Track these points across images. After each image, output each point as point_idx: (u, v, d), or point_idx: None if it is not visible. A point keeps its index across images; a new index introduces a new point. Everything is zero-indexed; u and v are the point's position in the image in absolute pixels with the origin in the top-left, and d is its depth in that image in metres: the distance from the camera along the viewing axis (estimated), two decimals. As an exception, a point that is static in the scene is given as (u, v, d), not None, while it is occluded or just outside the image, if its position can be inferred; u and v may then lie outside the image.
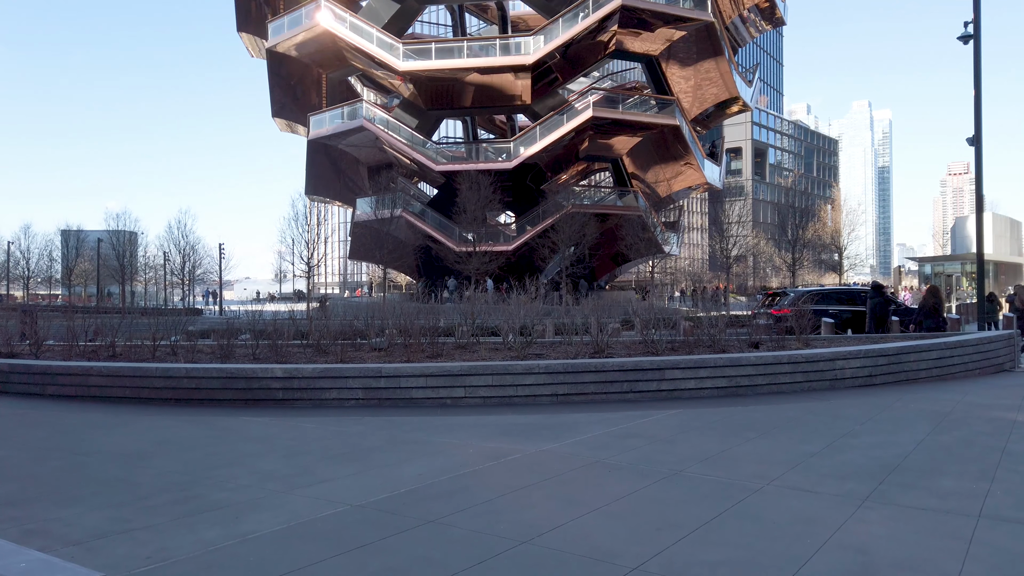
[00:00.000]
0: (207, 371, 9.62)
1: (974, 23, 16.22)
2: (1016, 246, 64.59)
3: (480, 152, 43.16)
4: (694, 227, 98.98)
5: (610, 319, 18.39)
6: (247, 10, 41.35)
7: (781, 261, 52.48)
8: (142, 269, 55.62)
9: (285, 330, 15.38)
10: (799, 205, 54.71)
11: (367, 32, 36.55)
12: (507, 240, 39.99)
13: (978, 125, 15.56)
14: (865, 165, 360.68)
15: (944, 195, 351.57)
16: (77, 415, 8.77)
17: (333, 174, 44.04)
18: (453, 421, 8.19)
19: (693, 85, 40.51)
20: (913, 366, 11.27)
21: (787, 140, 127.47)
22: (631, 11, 34.29)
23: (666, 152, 40.77)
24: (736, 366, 10.07)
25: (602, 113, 36.05)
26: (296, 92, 42.52)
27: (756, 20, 43.98)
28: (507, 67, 36.65)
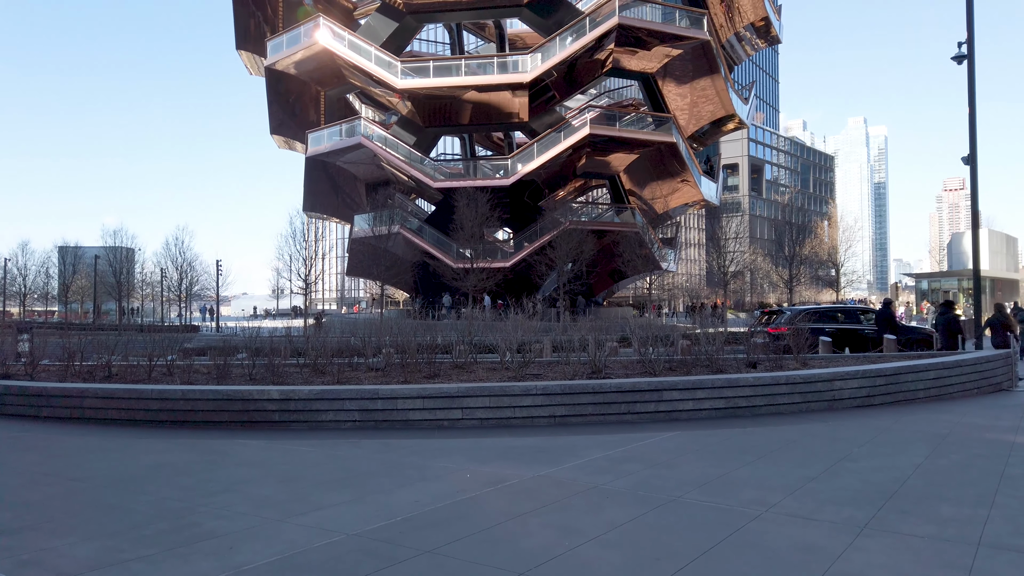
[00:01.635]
0: (203, 393, 9.58)
1: (968, 44, 16.36)
2: (1012, 262, 64.75)
3: (478, 169, 43.30)
4: (691, 243, 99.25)
5: (607, 336, 18.39)
6: (246, 29, 41.58)
7: (778, 277, 52.59)
8: (139, 285, 55.56)
9: (282, 348, 15.37)
10: (796, 221, 54.85)
11: (365, 50, 36.76)
12: (505, 256, 40.03)
13: (973, 145, 15.65)
14: (861, 181, 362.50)
15: (940, 211, 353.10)
16: (72, 438, 8.71)
17: (331, 191, 44.13)
18: (450, 444, 8.15)
19: (689, 103, 40.74)
20: (911, 386, 11.26)
21: (783, 156, 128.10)
22: (628, 30, 34.55)
23: (663, 169, 40.93)
24: (734, 387, 10.05)
25: (599, 130, 36.21)
26: (295, 109, 42.69)
27: (752, 38, 44.30)
28: (505, 85, 36.85)
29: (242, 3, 40.84)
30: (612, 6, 34.77)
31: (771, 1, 42.16)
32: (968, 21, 16.82)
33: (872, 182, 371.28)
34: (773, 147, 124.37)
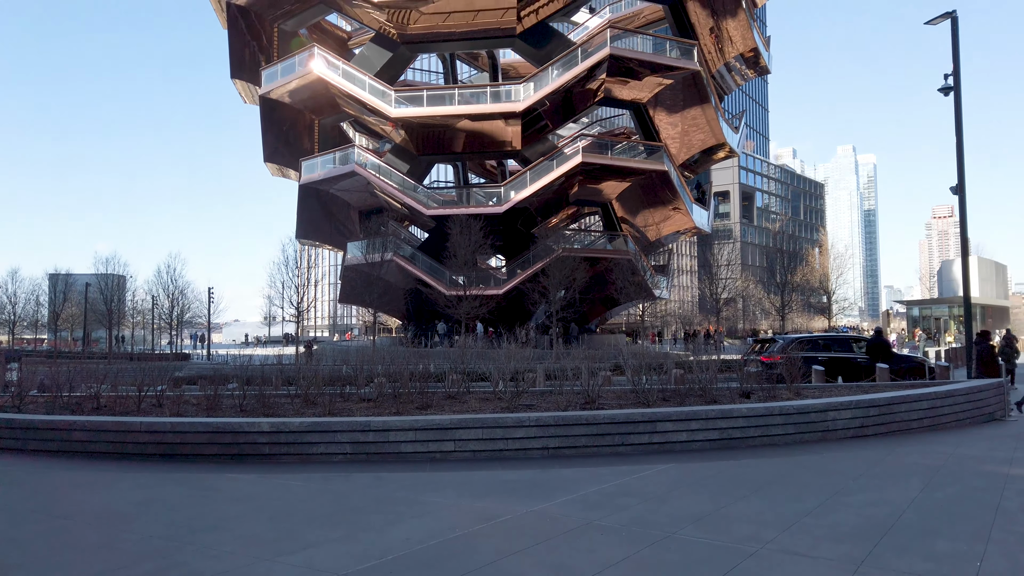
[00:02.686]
0: (192, 425, 9.48)
1: (954, 76, 16.61)
2: (1002, 289, 65.23)
3: (471, 196, 43.47)
4: (684, 270, 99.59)
5: (600, 365, 18.36)
6: (241, 58, 41.88)
7: (770, 304, 52.76)
8: (130, 313, 55.23)
9: (273, 377, 15.27)
10: (787, 248, 55.18)
11: (359, 79, 37.05)
12: (498, 284, 40.03)
13: (961, 175, 15.82)
14: (851, 208, 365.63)
15: (930, 237, 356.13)
16: (59, 473, 8.60)
17: (324, 218, 44.18)
18: (442, 478, 8.07)
19: (680, 131, 41.11)
20: (904, 416, 11.25)
21: (774, 184, 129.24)
22: (619, 60, 34.96)
23: (655, 197, 41.16)
24: (727, 418, 10.02)
25: (591, 158, 36.46)
26: (288, 137, 42.88)
27: (741, 68, 44.86)
28: (498, 114, 37.14)
29: (237, 33, 41.17)
30: (604, 37, 35.22)
31: (760, 32, 42.80)
32: (954, 53, 17.10)
33: (862, 209, 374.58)
34: (764, 175, 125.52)
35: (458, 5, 36.28)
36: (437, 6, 36.35)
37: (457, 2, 36.13)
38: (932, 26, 17.45)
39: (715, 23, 39.08)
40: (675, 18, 39.10)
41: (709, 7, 38.16)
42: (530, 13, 36.89)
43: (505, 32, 37.94)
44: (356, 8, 37.89)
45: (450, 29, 38.14)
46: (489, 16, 36.85)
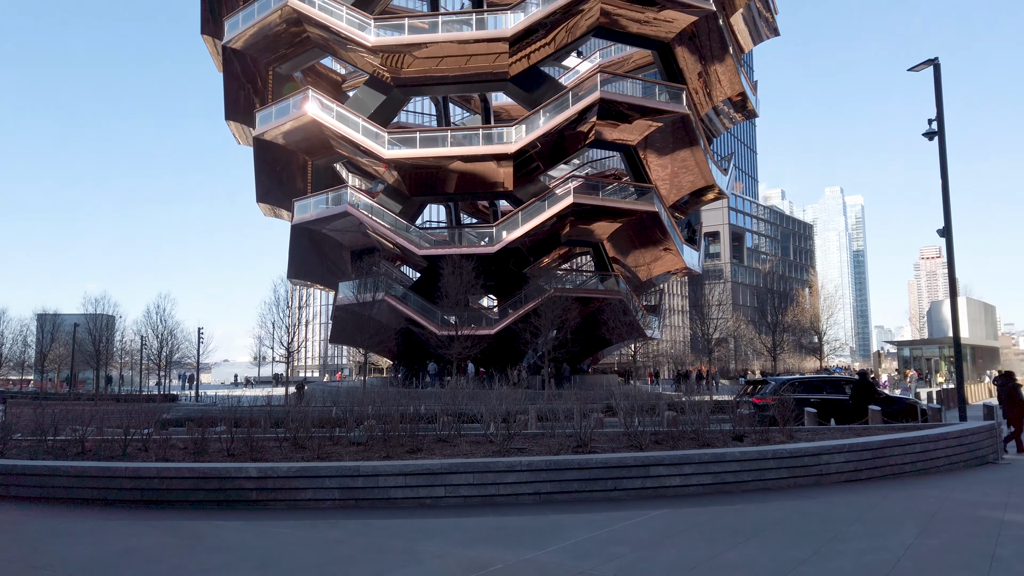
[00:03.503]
0: (178, 471, 9.33)
1: (938, 121, 16.92)
2: (991, 330, 65.61)
3: (463, 236, 43.66)
4: (675, 310, 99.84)
5: (593, 405, 18.25)
6: (236, 100, 42.34)
7: (762, 345, 52.84)
8: (118, 354, 54.71)
9: (261, 420, 15.09)
10: (777, 289, 55.49)
11: (353, 121, 37.46)
12: (489, 324, 39.99)
13: (947, 218, 16.02)
14: (840, 249, 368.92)
15: (918, 278, 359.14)
16: (40, 520, 8.41)
17: (316, 258, 44.23)
18: (433, 525, 7.94)
19: (670, 173, 41.62)
20: (897, 460, 11.19)
21: (763, 225, 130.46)
22: (609, 104, 35.52)
23: (646, 237, 41.46)
24: (721, 462, 9.94)
25: (582, 199, 36.78)
26: (282, 178, 43.14)
27: (729, 112, 45.66)
28: (490, 155, 37.53)
29: (232, 76, 41.69)
30: (594, 81, 35.83)
31: (747, 77, 43.68)
32: (937, 99, 17.46)
33: (851, 250, 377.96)
34: (753, 216, 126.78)
35: (451, 50, 36.91)
36: (430, 50, 36.97)
37: (450, 47, 36.76)
38: (916, 72, 17.84)
39: (703, 68, 39.87)
40: (664, 63, 39.87)
41: (697, 52, 38.96)
42: (521, 58, 37.54)
43: (497, 76, 38.55)
44: (351, 52, 38.49)
45: (443, 73, 38.73)
46: (481, 61, 37.49)
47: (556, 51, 38.84)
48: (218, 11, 41.72)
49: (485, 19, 37.79)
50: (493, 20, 37.20)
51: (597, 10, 35.59)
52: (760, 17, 44.46)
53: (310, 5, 36.57)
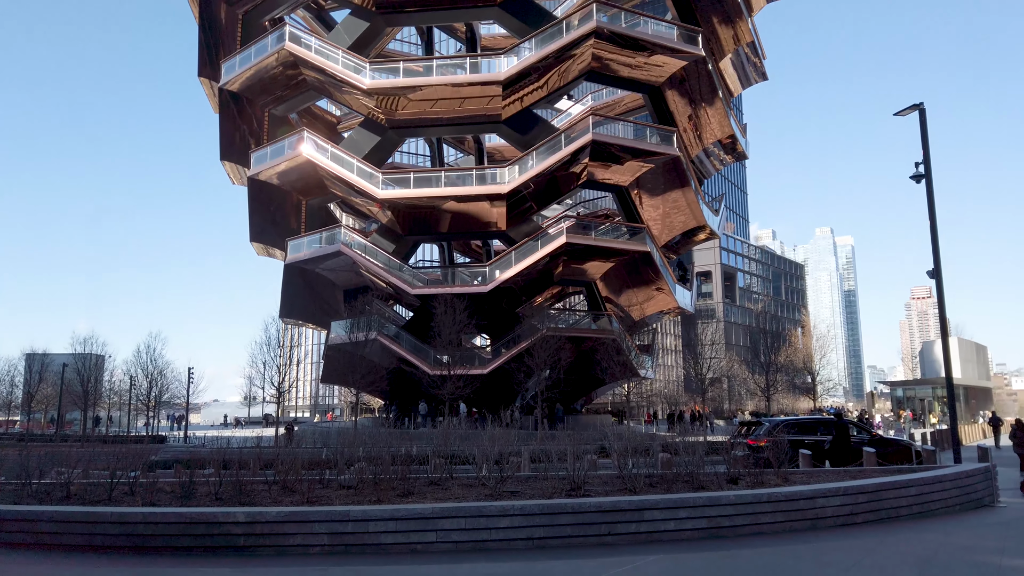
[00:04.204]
0: (165, 516, 9.16)
1: (924, 164, 17.19)
2: (984, 370, 65.67)
3: (456, 276, 43.74)
4: (668, 349, 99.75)
5: (587, 446, 18.09)
6: (231, 140, 42.70)
7: (755, 385, 52.74)
8: (107, 394, 54.11)
9: (251, 462, 14.89)
10: (770, 329, 55.59)
11: (348, 162, 37.78)
12: (482, 363, 39.84)
13: (937, 260, 16.16)
14: (832, 289, 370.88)
15: (910, 318, 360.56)
16: (22, 568, 8.22)
17: (308, 297, 44.17)
18: (424, 572, 7.80)
19: (662, 213, 41.98)
20: (893, 503, 11.10)
21: (755, 265, 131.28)
22: (601, 145, 35.97)
23: (638, 277, 41.62)
24: (716, 505, 9.84)
25: (575, 239, 36.97)
26: (276, 218, 43.29)
27: (720, 154, 46.29)
28: (483, 195, 37.81)
29: (228, 117, 42.11)
30: (586, 123, 36.32)
31: (736, 120, 44.41)
32: (923, 143, 17.76)
33: (842, 290, 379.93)
34: (744, 255, 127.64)
35: (445, 93, 37.44)
36: (425, 93, 37.49)
37: (444, 90, 37.30)
38: (901, 117, 18.18)
39: (693, 111, 40.52)
40: (655, 106, 40.51)
41: (687, 96, 39.63)
42: (515, 101, 38.09)
43: (491, 118, 39.05)
44: (346, 95, 38.99)
45: (437, 115, 39.24)
46: (475, 103, 38.01)
47: (549, 94, 39.44)
48: (215, 54, 42.32)
49: (479, 63, 38.45)
50: (487, 64, 37.85)
51: (589, 55, 36.25)
52: (748, 62, 45.39)
53: (307, 49, 37.13)
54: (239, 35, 42.32)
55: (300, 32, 39.04)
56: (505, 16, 38.92)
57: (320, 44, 37.82)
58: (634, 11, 38.57)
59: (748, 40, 41.33)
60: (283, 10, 42.40)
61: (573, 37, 35.21)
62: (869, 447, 16.38)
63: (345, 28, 40.22)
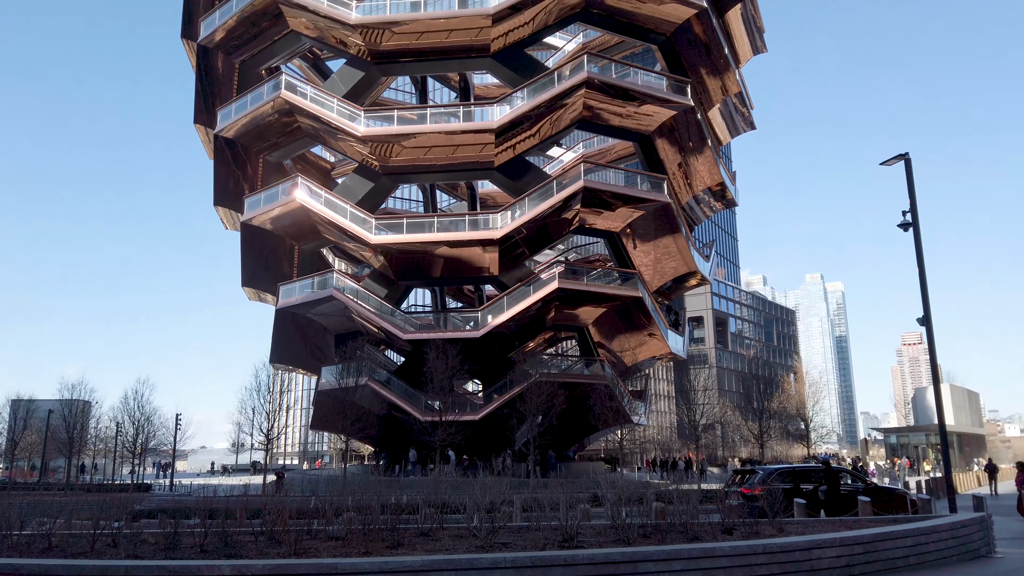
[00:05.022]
0: (148, 569, 8.94)
1: (911, 213, 17.41)
2: (976, 417, 65.57)
3: (448, 321, 43.68)
4: (661, 395, 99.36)
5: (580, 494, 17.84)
6: (226, 186, 42.98)
7: (749, 432, 52.45)
8: (92, 441, 53.25)
9: (237, 511, 14.61)
10: (762, 374, 55.54)
11: (341, 207, 38.02)
12: (474, 409, 39.54)
13: (926, 307, 16.26)
14: (823, 335, 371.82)
15: (901, 364, 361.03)
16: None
17: (300, 342, 43.97)
18: (412, 626, 7.60)
19: (653, 259, 42.24)
20: (889, 554, 10.97)
21: (746, 310, 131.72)
22: (593, 192, 36.36)
23: (630, 322, 41.67)
24: (711, 557, 9.68)
25: (567, 285, 37.08)
26: (268, 262, 43.34)
27: (709, 201, 46.79)
28: (476, 241, 38.02)
29: (223, 163, 42.48)
30: (578, 170, 36.80)
31: (726, 168, 45.04)
32: (910, 192, 18.03)
33: (833, 336, 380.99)
34: (736, 301, 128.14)
35: (439, 140, 37.94)
36: (418, 140, 37.99)
37: (438, 138, 37.81)
38: (888, 166, 18.49)
39: (683, 159, 41.13)
40: (645, 153, 41.12)
41: (677, 144, 40.27)
42: (507, 148, 38.60)
43: (483, 165, 39.52)
44: (340, 141, 39.44)
45: (431, 162, 39.69)
46: (468, 150, 38.50)
47: (541, 142, 40.01)
48: (212, 102, 42.89)
49: (472, 111, 39.09)
50: (480, 112, 38.47)
51: (580, 104, 36.91)
52: (736, 112, 46.28)
53: (302, 97, 37.69)
54: (236, 83, 42.98)
55: (296, 81, 39.67)
56: (498, 66, 39.69)
57: (316, 92, 38.41)
58: (624, 62, 39.48)
59: (736, 91, 42.22)
60: (280, 59, 43.15)
61: (565, 87, 35.89)
62: (864, 496, 16.22)
63: (341, 77, 40.89)
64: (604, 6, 37.40)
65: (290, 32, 39.96)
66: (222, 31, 40.40)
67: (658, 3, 37.12)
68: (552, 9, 37.25)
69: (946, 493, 17.39)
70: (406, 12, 37.96)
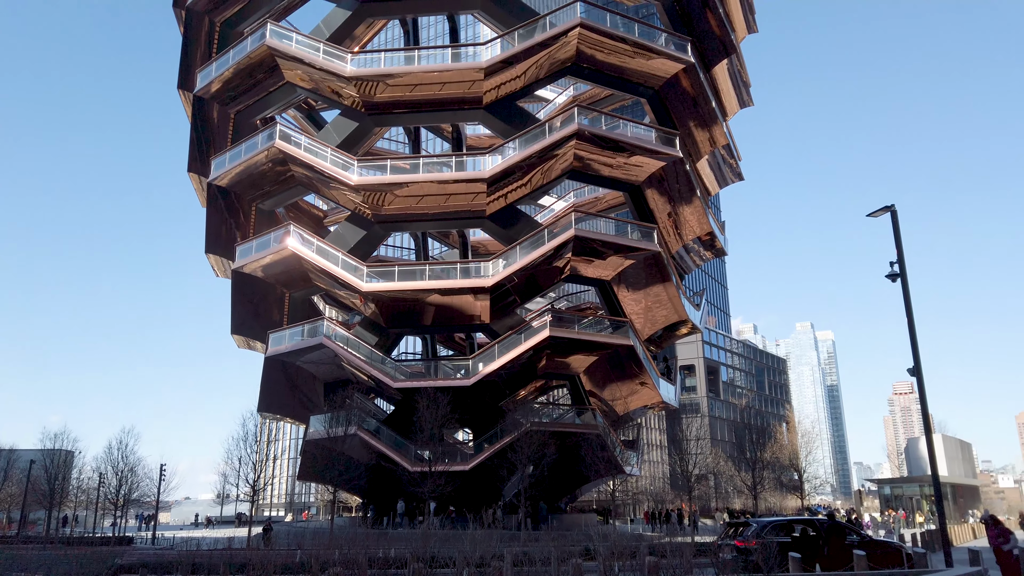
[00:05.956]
0: (127, 626, 8.67)
1: (899, 264, 17.59)
2: (970, 468, 65.17)
3: (439, 369, 43.42)
4: (653, 444, 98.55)
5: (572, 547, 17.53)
6: (218, 234, 43.07)
7: (742, 482, 51.89)
8: (74, 492, 52.09)
9: (220, 565, 14.26)
10: (755, 424, 55.19)
11: (333, 255, 38.10)
12: (464, 459, 39.04)
13: (916, 358, 16.30)
14: (815, 384, 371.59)
15: (893, 413, 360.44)
16: None
17: (288, 390, 43.54)
18: None
19: (644, 307, 42.36)
20: (887, 610, 10.75)
21: (737, 359, 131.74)
22: (583, 241, 36.64)
23: (622, 371, 41.55)
24: (704, 613, 9.47)
25: (558, 332, 37.06)
26: (258, 310, 43.19)
27: (699, 250, 47.22)
28: (467, 289, 38.07)
29: (216, 211, 42.65)
30: (569, 219, 37.13)
31: (715, 218, 45.59)
32: (897, 244, 18.24)
33: (825, 385, 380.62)
34: (727, 350, 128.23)
35: (431, 189, 38.31)
36: (411, 190, 38.33)
37: (430, 187, 38.18)
38: (874, 218, 18.75)
39: (672, 208, 41.62)
40: (635, 203, 41.59)
41: (666, 195, 40.79)
42: (499, 197, 38.99)
43: (475, 213, 39.83)
44: (334, 190, 39.75)
45: (423, 210, 39.98)
46: (460, 199, 38.86)
47: (532, 191, 40.45)
48: (206, 151, 43.28)
49: (464, 161, 39.59)
50: (472, 162, 38.97)
51: (571, 155, 37.45)
52: (724, 163, 47.07)
53: (296, 147, 38.10)
54: (230, 133, 43.48)
55: (291, 130, 40.14)
56: (490, 118, 40.36)
57: (310, 142, 38.86)
58: (614, 115, 40.24)
59: (723, 143, 43.01)
60: (275, 110, 43.75)
61: (556, 138, 36.47)
62: (859, 550, 15.98)
63: (335, 127, 41.44)
64: (594, 61, 38.26)
65: (285, 83, 40.61)
66: (218, 82, 41.02)
67: (646, 58, 38.02)
68: (543, 63, 38.07)
69: (942, 546, 17.17)
70: (400, 65, 38.75)
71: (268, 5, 42.79)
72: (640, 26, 38.41)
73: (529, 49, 36.76)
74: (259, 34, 38.59)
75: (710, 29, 41.21)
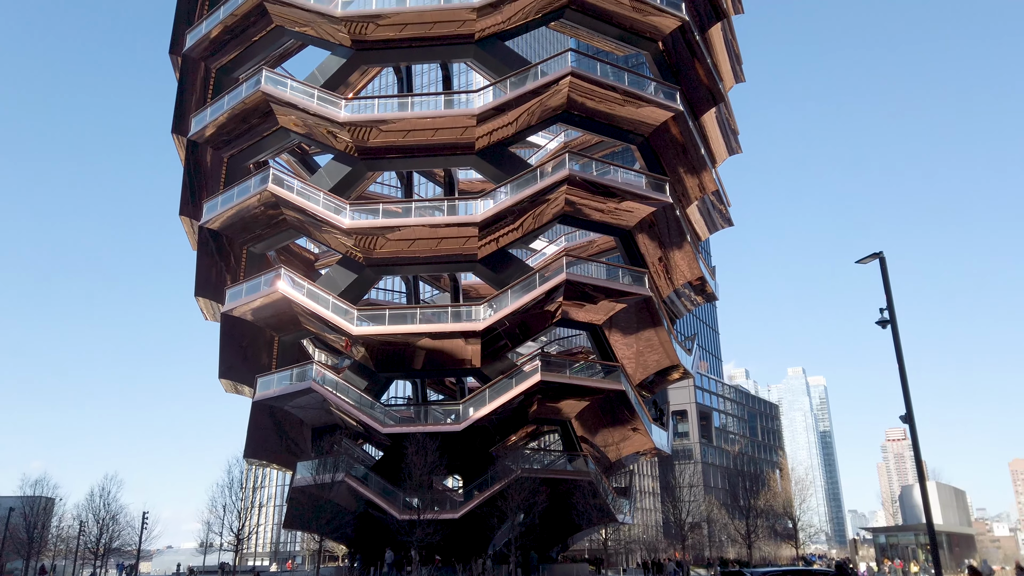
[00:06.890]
0: None
1: (888, 310, 17.62)
2: (964, 515, 64.53)
3: (429, 414, 42.92)
4: (646, 492, 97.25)
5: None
6: (208, 277, 42.87)
7: (735, 530, 51.09)
8: (53, 540, 50.74)
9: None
10: (748, 470, 54.61)
11: (323, 298, 37.94)
12: (454, 507, 38.35)
13: (908, 404, 16.20)
14: (807, 430, 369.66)
15: (887, 460, 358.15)
16: None
17: (275, 436, 42.84)
18: None
19: (636, 352, 42.20)
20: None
21: (730, 404, 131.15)
22: (575, 285, 36.67)
23: (614, 416, 41.19)
24: (700, 668, 9.16)
25: (549, 377, 36.79)
26: (247, 354, 42.76)
27: (690, 295, 47.31)
28: (458, 333, 37.89)
29: (206, 254, 42.54)
30: (560, 263, 37.20)
31: (705, 263, 45.83)
32: (886, 290, 18.29)
33: (817, 431, 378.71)
34: (719, 395, 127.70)
35: (423, 233, 38.42)
36: (403, 233, 38.43)
37: (422, 231, 38.30)
38: (863, 264, 18.84)
39: (663, 253, 41.82)
40: (626, 248, 41.79)
41: (657, 240, 41.03)
42: (490, 241, 39.10)
43: (467, 257, 39.89)
44: (325, 234, 39.79)
45: (414, 254, 40.02)
46: (452, 243, 38.96)
47: (524, 235, 40.61)
48: (198, 194, 43.39)
49: (456, 205, 39.80)
50: (464, 206, 39.18)
51: (562, 200, 37.73)
52: (714, 208, 47.50)
53: (289, 191, 38.25)
54: (223, 177, 43.66)
55: (283, 174, 40.37)
56: (482, 163, 40.73)
57: (302, 186, 39.04)
58: (604, 161, 40.68)
59: (713, 189, 43.46)
60: (268, 154, 44.07)
61: (547, 183, 36.76)
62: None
63: (328, 172, 41.69)
64: (585, 108, 38.84)
65: (279, 128, 40.99)
66: (213, 127, 41.36)
67: (636, 106, 38.63)
68: (535, 111, 38.60)
69: (940, 597, 16.83)
70: (394, 111, 39.22)
71: (264, 52, 43.44)
72: (630, 75, 39.14)
73: (521, 96, 37.30)
74: (254, 80, 39.08)
75: (698, 78, 42.00)
